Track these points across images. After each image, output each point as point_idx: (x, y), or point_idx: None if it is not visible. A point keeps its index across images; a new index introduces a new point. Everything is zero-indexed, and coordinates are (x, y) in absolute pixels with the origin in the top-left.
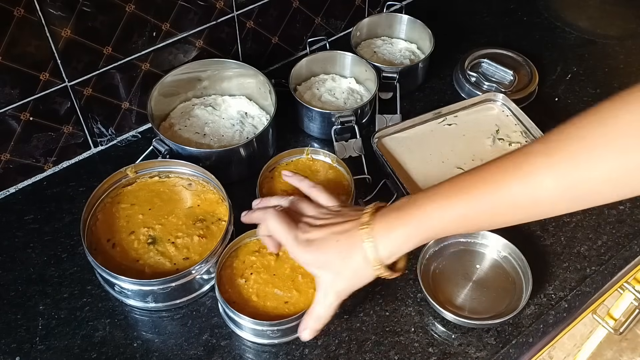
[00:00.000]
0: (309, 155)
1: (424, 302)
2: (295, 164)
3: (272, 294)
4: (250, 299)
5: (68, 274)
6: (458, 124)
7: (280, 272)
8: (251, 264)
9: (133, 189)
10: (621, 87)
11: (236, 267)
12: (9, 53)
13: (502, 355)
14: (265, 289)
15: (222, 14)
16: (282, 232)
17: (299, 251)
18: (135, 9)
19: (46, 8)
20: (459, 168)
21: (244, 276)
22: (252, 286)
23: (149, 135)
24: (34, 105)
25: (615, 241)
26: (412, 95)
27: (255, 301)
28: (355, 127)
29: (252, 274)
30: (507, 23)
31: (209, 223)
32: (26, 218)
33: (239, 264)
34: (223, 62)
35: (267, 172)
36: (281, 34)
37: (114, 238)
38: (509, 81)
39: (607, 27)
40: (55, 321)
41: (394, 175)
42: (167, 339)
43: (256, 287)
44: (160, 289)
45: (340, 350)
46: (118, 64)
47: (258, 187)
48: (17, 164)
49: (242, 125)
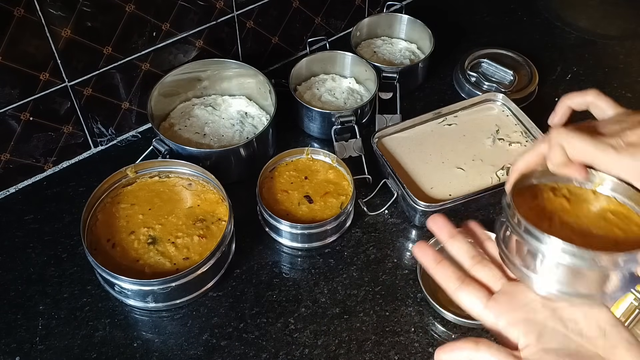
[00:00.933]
0: (309, 155)
1: (424, 302)
2: (295, 164)
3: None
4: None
5: (68, 274)
6: (458, 124)
7: None
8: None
9: (133, 189)
10: (621, 87)
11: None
12: (9, 53)
13: None
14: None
15: (222, 14)
16: (596, 146)
17: (628, 160)
18: (135, 9)
19: (46, 8)
20: (459, 168)
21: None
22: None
23: (149, 135)
24: (34, 105)
25: None
26: (412, 95)
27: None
28: (355, 127)
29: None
30: (507, 23)
31: (209, 223)
32: (26, 218)
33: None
34: (223, 62)
35: (267, 172)
36: (281, 34)
37: (114, 238)
38: (509, 81)
39: (607, 27)
40: (55, 321)
41: (394, 175)
42: (167, 339)
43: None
44: (160, 289)
45: (340, 350)
46: (118, 64)
47: (258, 187)
48: (17, 164)
49: (242, 125)
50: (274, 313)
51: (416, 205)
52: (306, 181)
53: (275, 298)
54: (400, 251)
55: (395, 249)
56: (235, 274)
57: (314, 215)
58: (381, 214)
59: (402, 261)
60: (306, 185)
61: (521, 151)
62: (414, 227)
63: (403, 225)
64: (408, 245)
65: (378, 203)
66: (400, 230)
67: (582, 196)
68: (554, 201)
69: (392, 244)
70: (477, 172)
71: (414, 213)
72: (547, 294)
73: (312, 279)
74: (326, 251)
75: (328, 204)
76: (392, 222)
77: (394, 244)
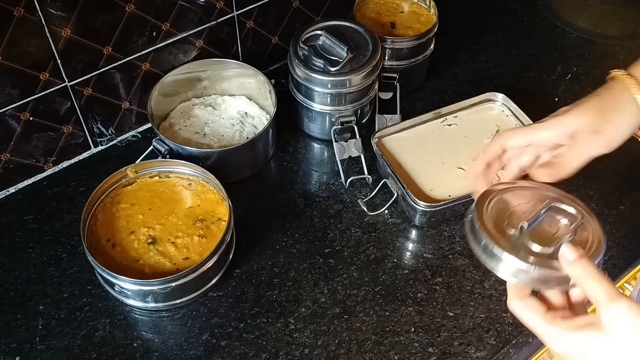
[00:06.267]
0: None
1: (424, 302)
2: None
3: None
4: None
5: (68, 274)
6: (458, 124)
7: None
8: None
9: (133, 189)
10: None
11: None
12: (9, 53)
13: (502, 355)
14: None
15: (222, 14)
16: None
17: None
18: (135, 9)
19: (46, 8)
20: (459, 168)
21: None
22: None
23: (149, 135)
24: (34, 105)
25: (615, 241)
26: (412, 95)
27: None
28: (355, 127)
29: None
30: (507, 23)
31: (209, 223)
32: (26, 218)
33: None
34: (223, 62)
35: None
36: (281, 34)
37: (114, 238)
38: (342, 58)
39: (607, 27)
40: (55, 321)
41: (394, 175)
42: (167, 339)
43: None
44: (160, 289)
45: (340, 350)
46: (118, 64)
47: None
48: (17, 164)
49: (242, 125)
50: (274, 313)
51: (416, 205)
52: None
53: (275, 298)
54: (400, 251)
55: (395, 249)
56: (235, 274)
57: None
58: (381, 214)
59: (402, 261)
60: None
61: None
62: (414, 227)
63: (403, 225)
64: (408, 245)
65: (378, 203)
66: (400, 230)
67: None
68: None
69: (392, 244)
70: None
71: (414, 213)
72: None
73: (312, 279)
74: (326, 251)
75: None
76: (392, 222)
77: (394, 244)
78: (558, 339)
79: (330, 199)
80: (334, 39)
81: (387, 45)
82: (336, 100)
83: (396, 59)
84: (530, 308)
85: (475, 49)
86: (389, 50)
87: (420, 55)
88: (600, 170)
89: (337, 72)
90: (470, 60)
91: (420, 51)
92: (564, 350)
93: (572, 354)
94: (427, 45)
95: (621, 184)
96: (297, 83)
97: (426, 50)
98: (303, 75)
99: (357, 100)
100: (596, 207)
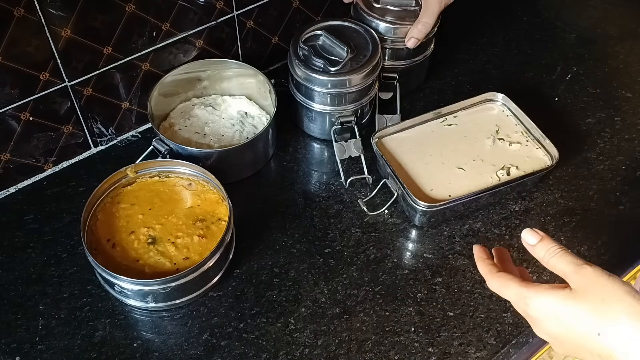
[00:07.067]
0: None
1: (424, 302)
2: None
3: None
4: None
5: (68, 274)
6: (458, 124)
7: None
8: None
9: (133, 189)
10: (621, 87)
11: None
12: (9, 53)
13: (502, 355)
14: None
15: (222, 14)
16: None
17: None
18: (135, 9)
19: (46, 8)
20: (459, 168)
21: None
22: None
23: (149, 135)
24: (34, 105)
25: (615, 241)
26: (412, 95)
27: None
28: (355, 127)
29: None
30: (507, 23)
31: (209, 223)
32: (26, 218)
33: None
34: (223, 62)
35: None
36: (281, 34)
37: (114, 238)
38: (343, 58)
39: (607, 27)
40: (55, 321)
41: (394, 175)
42: (167, 339)
43: None
44: (160, 289)
45: (340, 350)
46: (118, 64)
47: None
48: (17, 164)
49: (242, 125)
50: (274, 313)
51: (416, 205)
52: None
53: (275, 298)
54: (400, 251)
55: (395, 249)
56: (235, 274)
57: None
58: (381, 214)
59: (402, 261)
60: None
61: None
62: (414, 227)
63: (403, 225)
64: (408, 245)
65: (378, 203)
66: (400, 230)
67: None
68: None
69: (392, 244)
70: (478, 172)
71: (414, 213)
72: None
73: (312, 279)
74: (326, 251)
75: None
76: (392, 222)
77: (394, 244)
78: (534, 300)
79: (330, 199)
80: (334, 39)
81: (387, 45)
82: (336, 100)
83: (396, 59)
84: (507, 278)
85: (475, 49)
86: (389, 50)
87: (420, 55)
88: (600, 170)
89: (337, 72)
90: (470, 60)
91: (420, 51)
92: (542, 311)
93: (548, 316)
94: (427, 45)
95: (621, 184)
96: (297, 83)
97: (426, 50)
98: (303, 75)
99: (357, 100)
100: (596, 207)
